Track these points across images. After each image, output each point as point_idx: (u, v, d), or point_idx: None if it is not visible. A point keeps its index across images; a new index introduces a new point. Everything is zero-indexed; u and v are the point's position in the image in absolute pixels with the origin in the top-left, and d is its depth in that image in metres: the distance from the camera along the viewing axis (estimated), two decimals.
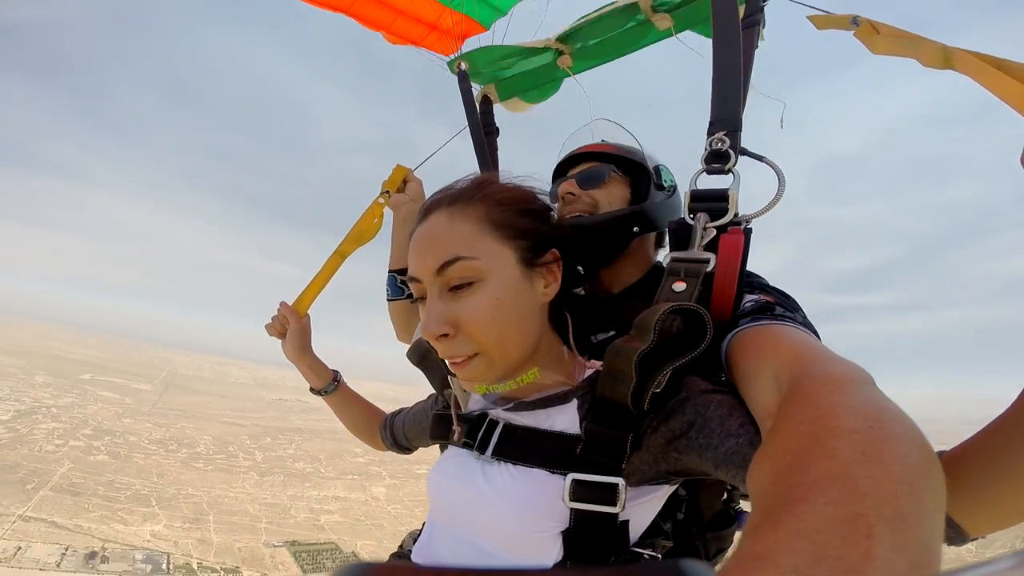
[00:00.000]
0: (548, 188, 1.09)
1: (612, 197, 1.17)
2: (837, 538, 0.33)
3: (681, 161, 1.19)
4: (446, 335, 0.80)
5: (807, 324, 0.82)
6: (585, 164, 1.23)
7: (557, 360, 0.90)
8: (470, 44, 1.97)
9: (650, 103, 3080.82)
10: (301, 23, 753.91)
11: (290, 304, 1.48)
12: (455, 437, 0.95)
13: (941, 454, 0.63)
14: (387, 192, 1.54)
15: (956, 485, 0.56)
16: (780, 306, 0.84)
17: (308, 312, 1.49)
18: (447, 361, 0.86)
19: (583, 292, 1.14)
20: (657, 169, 1.20)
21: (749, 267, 0.96)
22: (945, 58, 0.88)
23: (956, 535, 0.61)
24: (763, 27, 1.27)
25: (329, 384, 1.44)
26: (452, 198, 0.87)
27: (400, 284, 1.56)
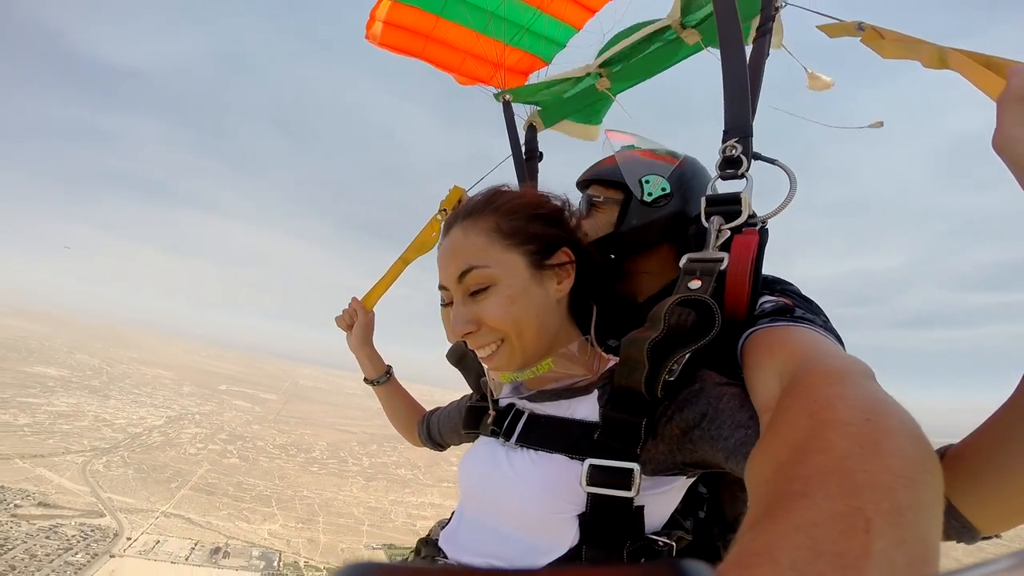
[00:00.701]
0: (561, 194, 1.08)
1: (597, 225, 1.21)
2: (835, 533, 0.32)
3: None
4: (470, 332, 0.90)
5: (828, 329, 0.82)
6: (587, 189, 1.27)
7: (576, 352, 0.96)
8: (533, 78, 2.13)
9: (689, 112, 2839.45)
10: (384, 56, 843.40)
11: (359, 299, 1.63)
12: (488, 420, 1.03)
13: (947, 448, 0.62)
14: (444, 210, 1.68)
15: (962, 481, 0.58)
16: (799, 308, 0.85)
17: (374, 309, 1.63)
18: (479, 354, 0.94)
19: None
20: (642, 182, 1.19)
21: (782, 276, 1.00)
22: (941, 59, 0.92)
23: (967, 532, 0.60)
24: (777, 35, 1.31)
25: (382, 376, 1.55)
26: (466, 213, 0.97)
27: None
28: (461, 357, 1.22)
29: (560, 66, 2.05)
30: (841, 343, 0.82)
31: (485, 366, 0.99)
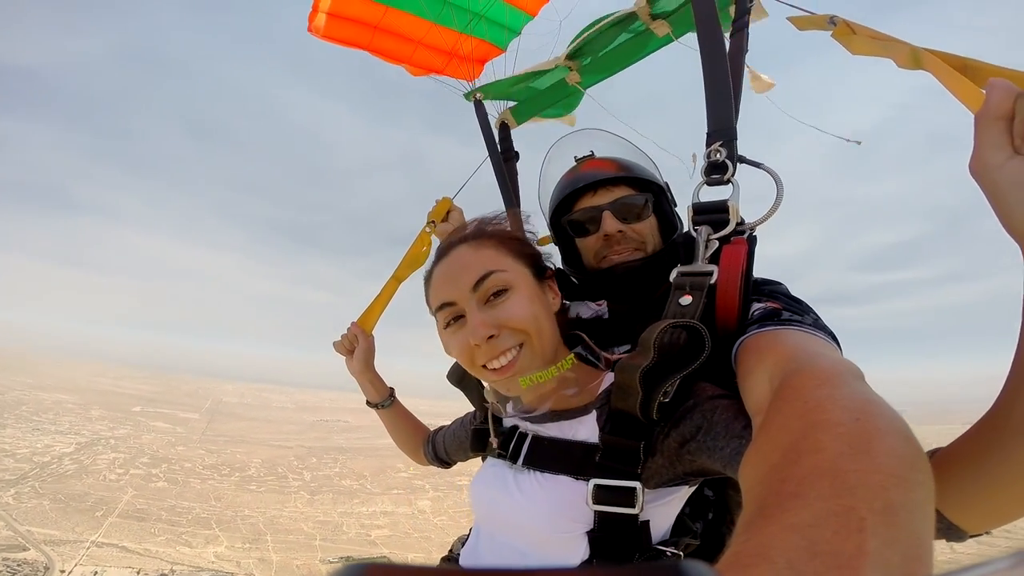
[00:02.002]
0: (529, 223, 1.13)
1: (653, 229, 1.16)
2: (830, 532, 0.33)
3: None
4: (492, 336, 0.89)
5: (818, 326, 0.83)
6: (614, 190, 1.18)
7: (576, 373, 0.98)
8: (487, 66, 2.04)
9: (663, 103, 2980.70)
10: (307, 49, 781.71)
11: (356, 323, 1.56)
12: (492, 445, 1.06)
13: (935, 452, 0.64)
14: (432, 222, 1.64)
15: (948, 483, 0.58)
16: (787, 311, 0.85)
17: (373, 332, 1.57)
18: (492, 367, 0.92)
19: (601, 307, 1.24)
20: (668, 186, 1.20)
21: (773, 276, 1.01)
22: (915, 59, 0.91)
23: (954, 532, 0.61)
24: (759, 14, 1.29)
25: (386, 399, 1.54)
26: (468, 236, 1.01)
27: None
28: (462, 377, 1.21)
29: (520, 54, 2.00)
30: (833, 337, 0.83)
31: (495, 382, 0.97)
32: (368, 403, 1.56)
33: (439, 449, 1.45)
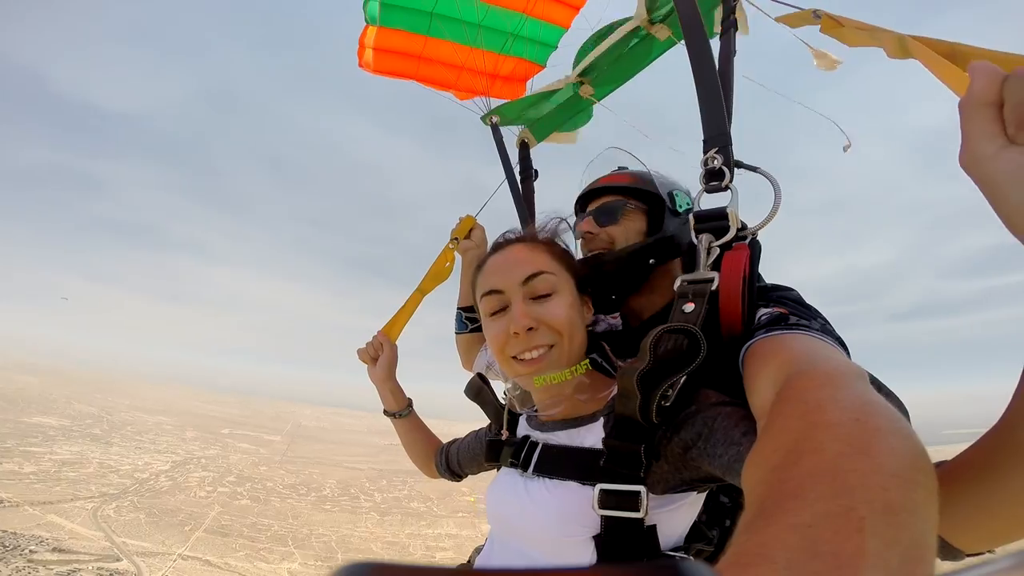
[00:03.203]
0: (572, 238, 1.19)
1: (628, 231, 1.21)
2: (829, 532, 0.33)
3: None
4: (532, 328, 0.97)
5: (826, 331, 0.83)
6: (602, 199, 1.27)
7: (588, 380, 1.02)
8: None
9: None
10: (364, 86, 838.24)
11: (381, 331, 1.62)
12: (503, 438, 1.10)
13: (941, 464, 0.62)
14: (455, 239, 1.72)
15: (946, 502, 0.55)
16: (794, 315, 0.86)
17: (396, 342, 1.62)
18: (522, 358, 0.99)
19: (616, 320, 1.26)
20: (672, 195, 1.21)
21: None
22: (902, 47, 0.89)
23: (948, 552, 0.60)
24: (741, 24, 1.27)
25: (404, 409, 1.57)
26: (526, 237, 1.10)
27: (466, 320, 1.70)
28: (479, 391, 1.26)
29: (551, 69, 2.07)
30: (842, 344, 0.82)
31: (519, 375, 1.02)
32: (385, 412, 1.60)
33: (451, 461, 1.46)
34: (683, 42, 1.44)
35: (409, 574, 0.18)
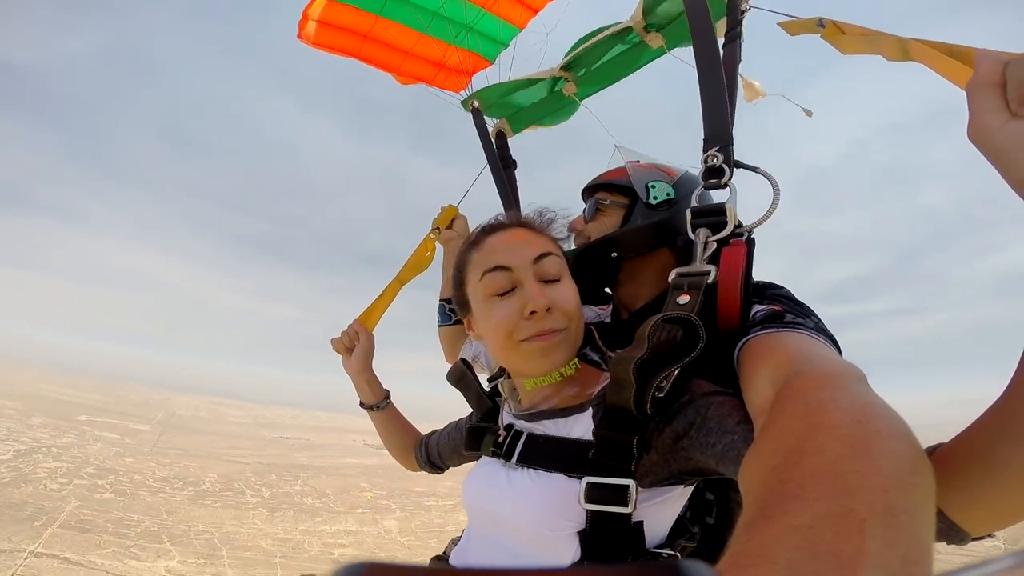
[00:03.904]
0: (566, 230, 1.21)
1: (603, 227, 1.25)
2: (830, 533, 0.33)
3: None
4: (549, 309, 0.93)
5: (820, 330, 0.83)
6: (591, 195, 1.32)
7: (577, 375, 0.99)
8: (477, 79, 2.09)
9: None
10: (292, 61, 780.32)
11: (356, 321, 1.55)
12: (499, 439, 1.06)
13: (937, 447, 0.63)
14: (437, 229, 1.68)
15: (950, 482, 0.56)
16: (789, 313, 0.86)
17: (373, 331, 1.56)
18: (535, 335, 0.94)
19: (604, 312, 1.29)
20: (648, 187, 1.22)
21: (771, 279, 1.02)
22: (903, 50, 0.91)
23: (955, 534, 0.60)
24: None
25: (381, 401, 1.51)
26: (525, 222, 1.07)
27: (449, 311, 1.67)
28: (461, 376, 1.22)
29: (513, 65, 2.07)
30: (835, 342, 0.84)
31: (526, 360, 0.98)
32: (362, 404, 1.52)
33: (432, 453, 1.43)
34: (671, 53, 1.57)
35: (407, 574, 0.18)
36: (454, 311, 1.45)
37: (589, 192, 1.33)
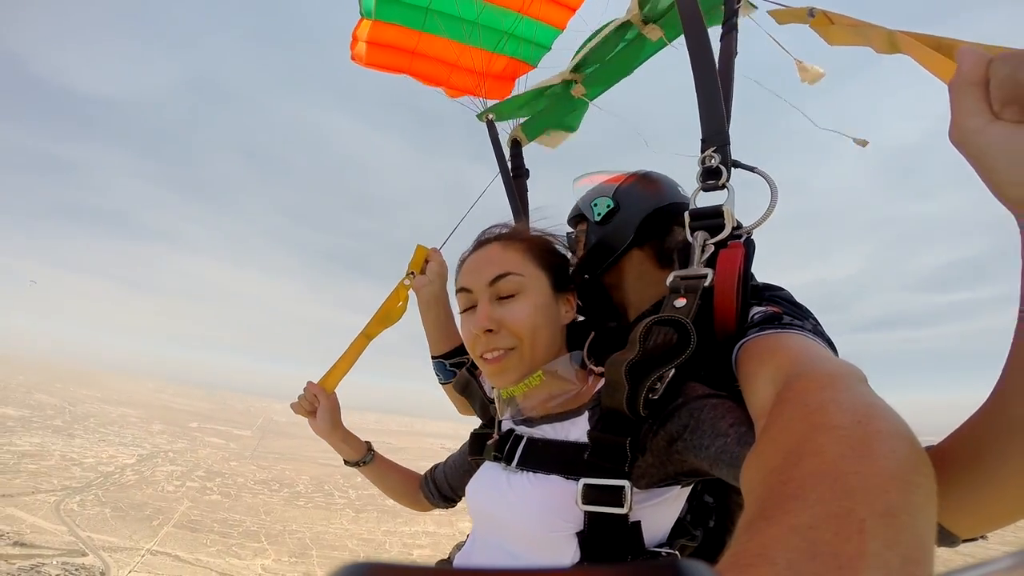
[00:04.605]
0: (565, 238, 1.22)
1: (578, 256, 1.27)
2: (830, 534, 0.33)
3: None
4: (491, 331, 0.96)
5: (817, 332, 0.83)
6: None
7: (567, 375, 1.00)
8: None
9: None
10: (354, 81, 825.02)
11: (316, 383, 1.48)
12: (490, 443, 1.08)
13: (928, 448, 0.61)
14: (412, 273, 1.54)
15: (940, 484, 0.57)
16: (788, 315, 0.85)
17: (336, 391, 1.49)
18: (486, 357, 0.99)
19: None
20: (592, 206, 1.24)
21: (775, 281, 1.01)
22: (891, 43, 0.90)
23: (945, 537, 0.60)
24: (746, 8, 1.28)
25: (366, 455, 1.46)
26: (502, 234, 1.10)
27: (451, 368, 1.53)
28: (466, 385, 1.23)
29: (543, 70, 2.05)
30: (831, 345, 0.83)
31: (485, 375, 1.04)
32: (346, 462, 1.48)
33: (441, 486, 1.40)
34: (677, 41, 1.50)
35: (408, 574, 0.18)
36: (456, 367, 1.48)
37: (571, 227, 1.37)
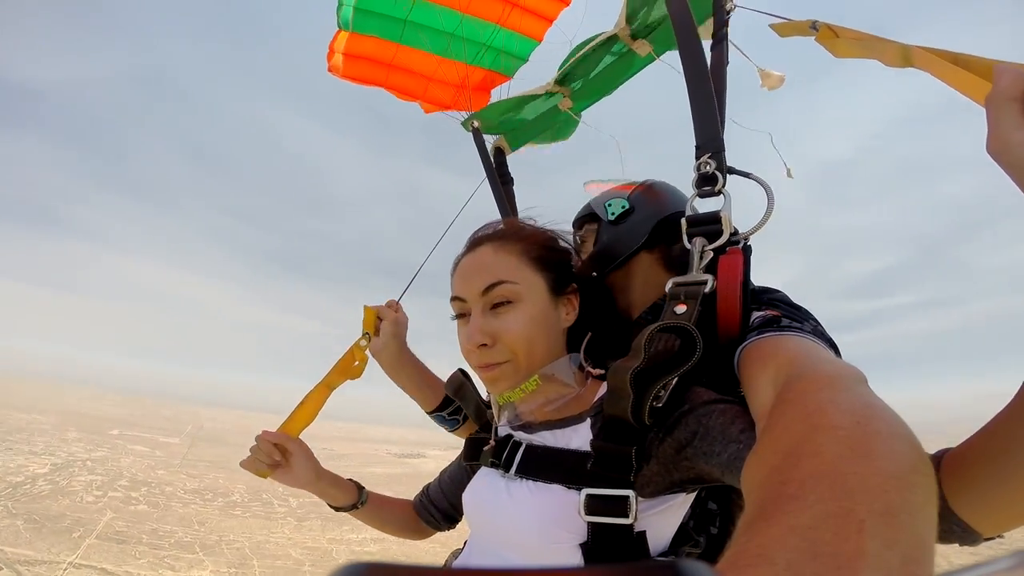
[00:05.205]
0: (568, 233, 1.22)
1: (584, 255, 1.28)
2: (829, 534, 0.33)
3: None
4: (485, 345, 0.93)
5: (818, 333, 0.84)
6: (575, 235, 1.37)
7: (566, 379, 0.97)
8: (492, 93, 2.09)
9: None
10: (311, 81, 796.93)
11: (275, 431, 1.29)
12: (486, 449, 1.05)
13: (945, 452, 0.63)
14: (367, 334, 1.46)
15: (962, 483, 0.57)
16: (787, 318, 0.86)
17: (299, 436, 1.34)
18: (479, 368, 0.97)
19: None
20: (605, 206, 1.27)
21: (769, 285, 1.02)
22: (905, 57, 0.89)
23: (968, 535, 0.60)
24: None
25: (359, 496, 1.33)
26: (496, 235, 1.04)
27: (450, 417, 1.48)
28: (459, 387, 1.21)
29: (522, 80, 2.06)
30: (833, 346, 0.85)
31: (481, 381, 1.02)
32: (336, 508, 1.33)
33: (439, 504, 1.32)
34: (661, 59, 1.55)
35: (407, 574, 0.18)
36: (456, 415, 1.41)
37: (575, 229, 1.36)
